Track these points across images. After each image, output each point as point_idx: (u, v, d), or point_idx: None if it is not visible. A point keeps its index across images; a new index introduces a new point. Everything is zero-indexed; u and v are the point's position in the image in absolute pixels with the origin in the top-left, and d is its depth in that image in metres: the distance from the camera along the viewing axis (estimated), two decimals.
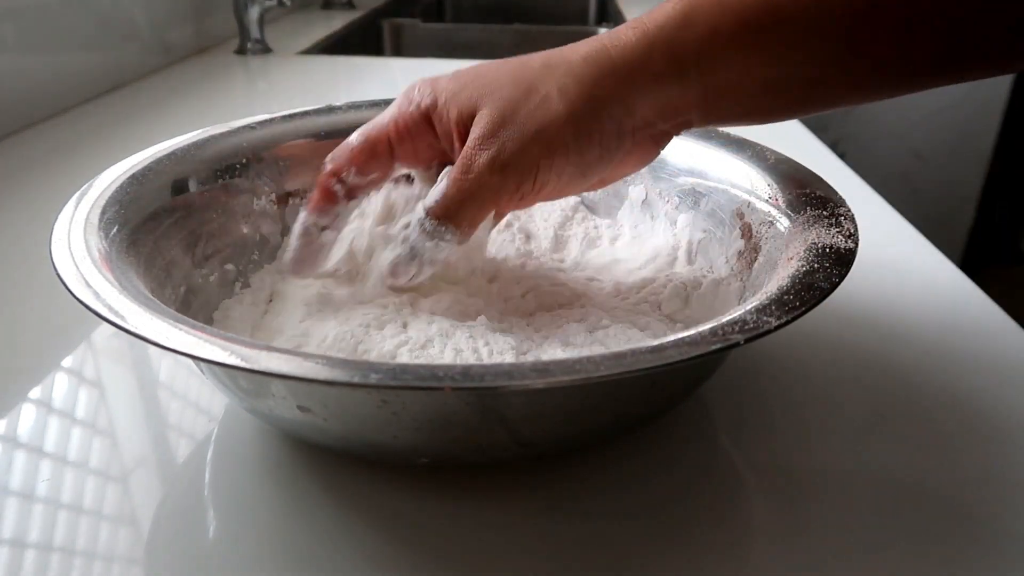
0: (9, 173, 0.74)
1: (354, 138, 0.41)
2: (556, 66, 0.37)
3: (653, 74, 0.35)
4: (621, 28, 0.36)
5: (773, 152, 0.47)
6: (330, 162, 0.42)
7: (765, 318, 0.31)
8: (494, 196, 0.37)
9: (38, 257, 0.36)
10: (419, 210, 0.39)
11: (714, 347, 0.29)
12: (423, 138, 0.40)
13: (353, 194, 0.42)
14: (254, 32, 1.24)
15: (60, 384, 0.45)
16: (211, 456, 0.40)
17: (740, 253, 0.44)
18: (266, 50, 1.25)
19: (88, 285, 0.33)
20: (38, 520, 0.35)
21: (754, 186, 0.45)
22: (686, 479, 0.38)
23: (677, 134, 0.39)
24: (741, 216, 0.45)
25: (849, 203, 0.41)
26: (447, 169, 0.39)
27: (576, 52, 0.37)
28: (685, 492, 0.37)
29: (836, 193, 0.42)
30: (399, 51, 1.73)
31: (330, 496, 0.37)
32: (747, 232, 0.44)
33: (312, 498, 0.36)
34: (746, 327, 0.30)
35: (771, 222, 0.42)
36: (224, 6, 1.28)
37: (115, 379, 0.45)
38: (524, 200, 0.38)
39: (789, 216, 0.41)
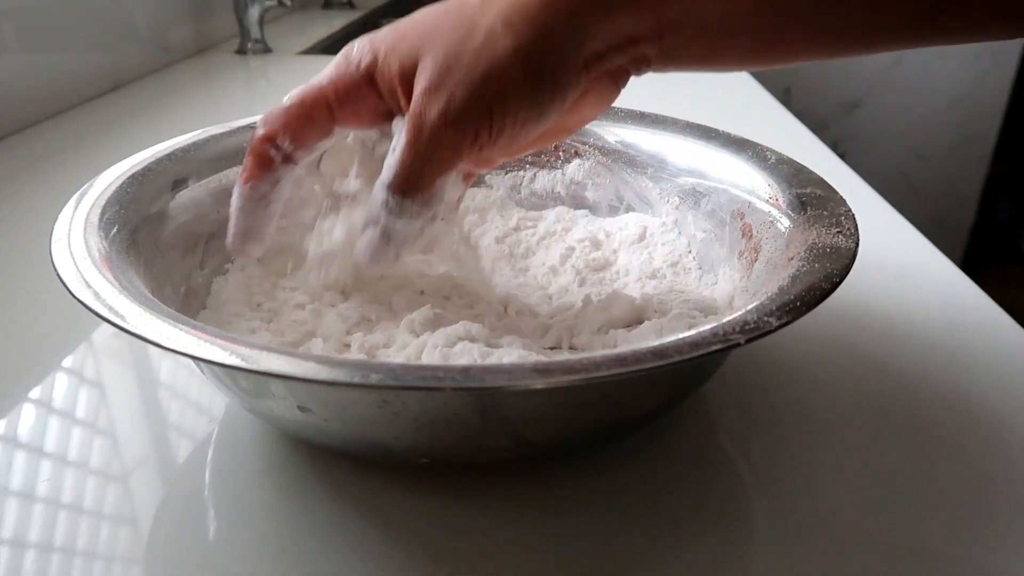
0: (10, 173, 0.74)
1: (288, 100, 0.38)
2: (494, 2, 0.33)
3: (602, 1, 0.33)
4: None
5: (773, 152, 0.47)
6: (263, 126, 0.38)
7: (766, 318, 0.31)
8: (453, 152, 0.34)
9: (38, 257, 0.36)
10: (378, 189, 0.36)
11: (715, 347, 0.29)
12: (366, 99, 0.37)
13: (290, 159, 0.38)
14: (254, 32, 1.24)
15: (60, 384, 0.45)
16: (211, 456, 0.40)
17: (740, 253, 0.44)
18: (266, 50, 1.25)
19: (88, 285, 0.33)
20: (38, 520, 0.35)
21: (754, 186, 0.45)
22: (686, 479, 0.38)
23: (636, 73, 0.36)
24: (741, 216, 0.45)
25: (849, 203, 0.41)
26: (396, 134, 0.36)
27: None
28: (685, 492, 0.37)
29: (836, 193, 0.42)
30: None
31: (330, 496, 0.37)
32: (747, 232, 0.44)
33: (312, 498, 0.36)
34: (747, 327, 0.30)
35: (772, 222, 0.42)
36: (224, 6, 1.28)
37: (115, 379, 0.45)
38: (484, 152, 0.35)
39: (789, 216, 0.41)
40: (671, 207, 0.51)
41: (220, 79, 1.10)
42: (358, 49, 0.36)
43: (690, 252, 0.49)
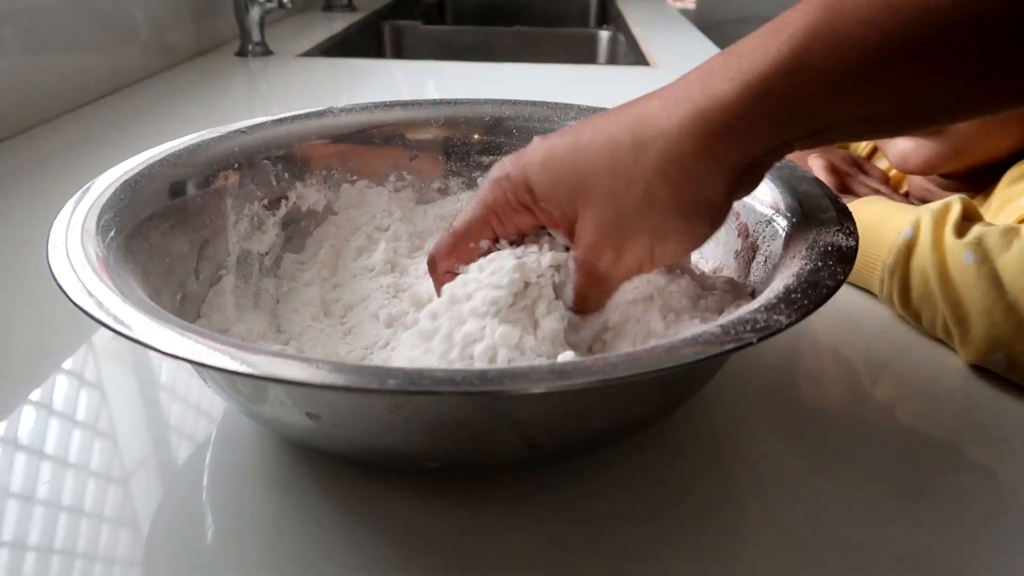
0: (11, 174, 0.75)
1: (453, 230, 0.40)
2: (650, 144, 0.34)
3: (756, 133, 0.33)
4: (716, 69, 0.33)
5: None
6: (439, 262, 0.41)
7: (775, 316, 0.31)
8: (621, 279, 0.38)
9: (38, 259, 0.36)
10: (562, 309, 0.39)
11: (728, 347, 0.30)
12: (524, 220, 0.39)
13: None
14: (255, 34, 1.24)
15: (60, 386, 0.45)
16: (210, 459, 0.40)
17: (737, 252, 0.44)
18: (267, 52, 1.25)
19: (91, 294, 0.33)
20: (38, 522, 0.36)
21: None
22: (686, 481, 0.38)
23: (779, 159, 0.37)
24: (737, 215, 0.45)
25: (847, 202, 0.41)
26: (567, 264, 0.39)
27: (670, 118, 0.33)
28: (685, 494, 0.37)
29: (831, 191, 0.42)
30: (400, 53, 1.74)
31: (328, 499, 0.37)
32: (743, 231, 0.44)
33: (310, 500, 0.37)
34: (758, 326, 0.31)
35: (768, 221, 0.42)
36: (225, 8, 1.28)
37: (115, 381, 0.46)
38: (645, 271, 0.38)
39: (786, 215, 0.41)
40: None
41: (221, 81, 1.11)
42: (511, 181, 0.38)
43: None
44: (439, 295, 0.40)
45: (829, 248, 0.36)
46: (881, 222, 0.50)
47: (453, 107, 0.56)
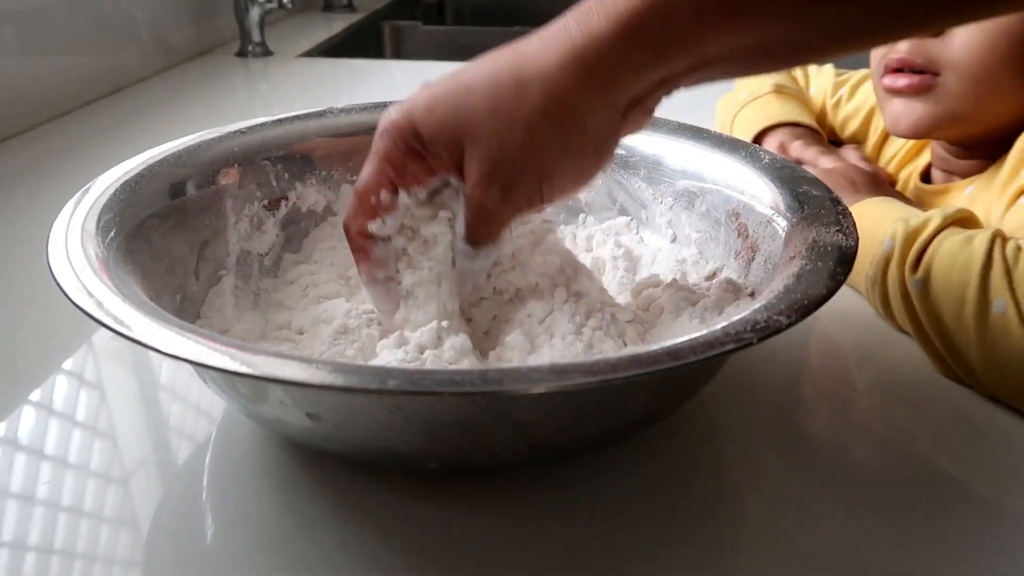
0: (10, 175, 0.75)
1: (354, 190, 0.41)
2: (530, 83, 0.34)
3: (635, 67, 0.34)
4: (591, 11, 0.33)
5: (767, 152, 0.47)
6: (350, 224, 0.41)
7: (776, 317, 0.31)
8: (510, 215, 0.38)
9: (38, 259, 0.37)
10: (457, 243, 0.40)
11: (729, 347, 0.30)
12: (417, 167, 0.39)
13: (382, 238, 0.42)
14: (255, 34, 1.24)
15: (60, 387, 0.45)
16: (210, 459, 0.40)
17: (737, 253, 0.44)
18: (267, 52, 1.25)
19: (91, 295, 0.33)
20: (38, 523, 0.36)
21: (749, 187, 0.45)
22: (685, 482, 0.38)
23: (668, 96, 0.37)
24: (736, 216, 0.45)
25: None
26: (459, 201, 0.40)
27: (549, 56, 0.34)
28: (685, 495, 0.37)
29: (831, 192, 0.42)
30: (400, 54, 1.73)
31: (327, 498, 0.37)
32: (743, 232, 0.44)
33: (310, 501, 0.37)
34: (758, 326, 0.31)
35: (768, 221, 0.42)
36: (225, 8, 1.28)
37: (115, 381, 0.46)
38: (536, 207, 0.38)
39: (786, 216, 0.41)
40: (665, 208, 0.51)
41: (221, 82, 1.11)
42: (400, 132, 0.38)
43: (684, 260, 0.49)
44: (356, 262, 0.41)
45: (829, 248, 0.36)
46: (873, 227, 0.49)
47: None
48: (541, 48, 0.35)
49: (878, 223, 0.49)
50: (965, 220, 0.46)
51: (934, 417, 0.43)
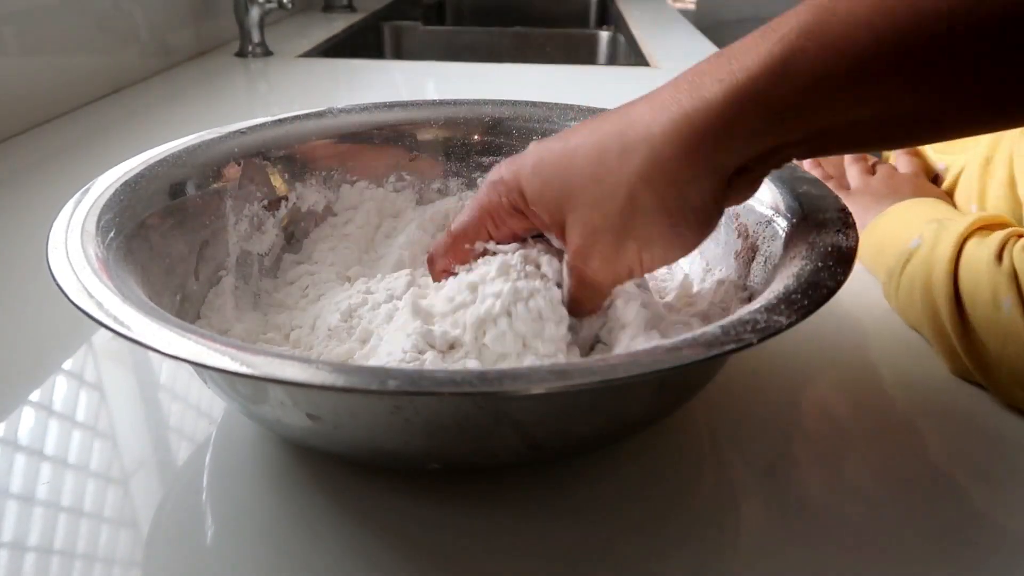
0: (10, 175, 0.75)
1: (450, 232, 0.41)
2: (634, 149, 0.33)
3: (744, 136, 0.32)
4: (706, 71, 0.32)
5: None
6: (436, 260, 0.42)
7: (775, 317, 0.31)
8: (611, 284, 0.38)
9: (38, 260, 0.36)
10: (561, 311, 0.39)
11: (729, 347, 0.30)
12: (517, 223, 0.39)
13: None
14: (255, 35, 1.24)
15: (60, 387, 0.45)
16: (210, 459, 0.40)
17: (737, 253, 0.44)
18: (267, 53, 1.25)
19: (91, 295, 0.32)
20: (38, 523, 0.36)
21: None
22: (686, 483, 0.38)
23: (777, 167, 0.36)
24: (736, 216, 0.45)
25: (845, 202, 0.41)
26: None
27: (655, 122, 0.33)
28: (685, 496, 0.37)
29: (831, 192, 0.42)
30: (400, 54, 1.74)
31: (328, 499, 0.37)
32: (743, 232, 0.44)
33: (310, 501, 0.37)
34: (758, 326, 0.31)
35: (768, 221, 0.42)
36: (225, 9, 1.28)
37: (115, 382, 0.46)
38: (637, 275, 0.38)
39: (786, 216, 0.41)
40: None
41: (220, 82, 1.11)
42: (506, 185, 0.38)
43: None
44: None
45: (829, 249, 0.36)
46: (905, 225, 0.50)
47: (453, 108, 0.56)
48: (648, 112, 0.34)
49: (910, 221, 0.51)
50: (997, 224, 0.46)
51: (939, 417, 0.43)
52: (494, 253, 0.40)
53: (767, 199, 0.43)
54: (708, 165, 0.33)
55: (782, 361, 0.47)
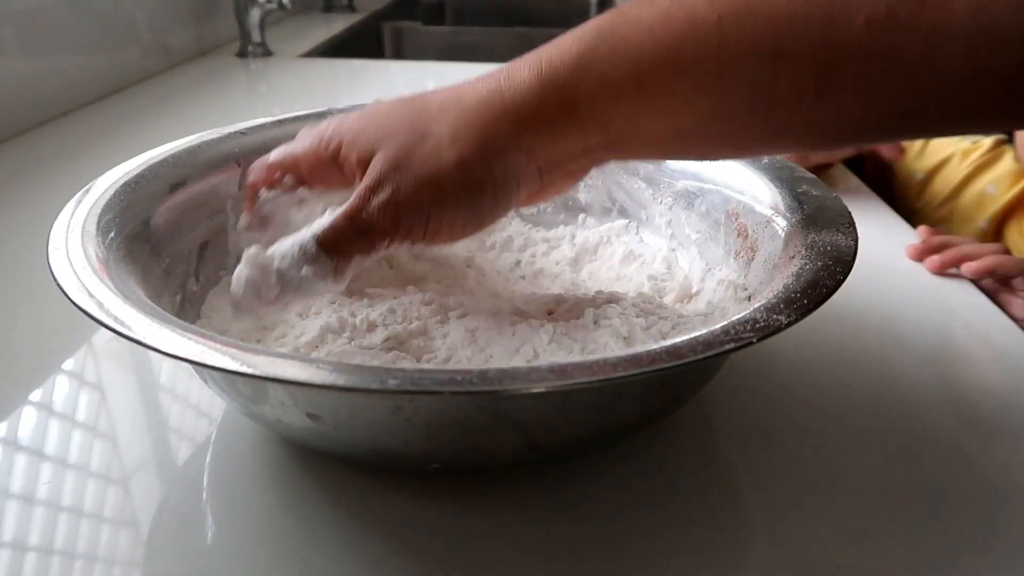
0: (10, 176, 0.75)
1: (273, 157, 0.42)
2: (450, 110, 0.35)
3: (547, 121, 0.34)
4: (523, 60, 0.35)
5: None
6: (251, 174, 0.42)
7: (775, 316, 0.31)
8: (383, 236, 0.36)
9: (38, 260, 0.37)
10: (304, 235, 0.36)
11: (728, 347, 0.30)
12: (332, 173, 0.39)
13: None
14: (255, 35, 1.24)
15: (60, 387, 0.45)
16: (210, 459, 0.40)
17: (737, 253, 0.44)
18: (267, 53, 1.25)
19: (92, 295, 0.33)
20: (38, 523, 0.36)
21: (748, 186, 0.45)
22: (684, 482, 0.38)
23: (595, 167, 0.37)
24: (736, 216, 0.45)
25: (844, 201, 0.41)
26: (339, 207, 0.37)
27: (474, 92, 0.35)
28: (683, 494, 0.37)
29: (830, 191, 0.42)
30: (400, 54, 1.74)
31: (329, 500, 0.37)
32: (743, 232, 0.44)
33: (311, 502, 0.37)
34: (757, 325, 0.31)
35: (768, 221, 0.42)
36: (225, 9, 1.28)
37: (115, 382, 0.46)
38: (413, 243, 0.36)
39: (786, 216, 0.41)
40: (664, 208, 0.51)
41: (221, 82, 1.11)
42: (329, 133, 0.39)
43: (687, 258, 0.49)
44: (246, 199, 0.42)
45: (828, 247, 0.36)
46: None
47: None
48: (470, 87, 0.36)
49: None
50: None
51: (937, 417, 0.43)
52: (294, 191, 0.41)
53: (767, 199, 0.43)
54: (515, 142, 0.34)
55: (782, 361, 0.47)
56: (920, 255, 0.58)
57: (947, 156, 0.74)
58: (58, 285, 0.33)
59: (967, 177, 0.71)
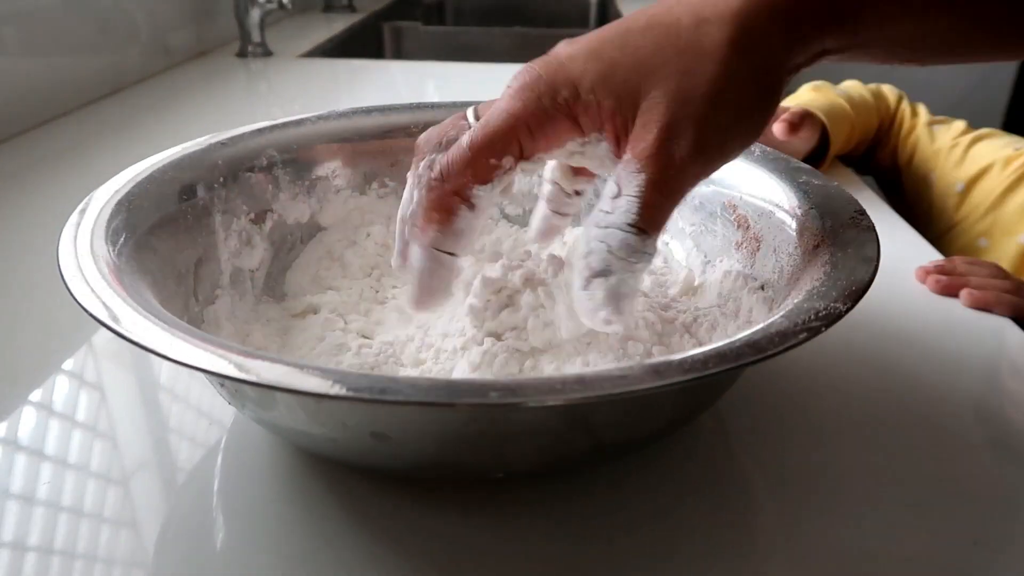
0: (11, 176, 0.74)
1: (471, 143, 0.34)
2: (715, 21, 0.32)
3: (817, 24, 0.32)
4: None
5: (757, 145, 0.47)
6: (444, 176, 0.35)
7: (833, 304, 0.31)
8: (697, 177, 0.33)
9: (39, 260, 0.36)
10: (606, 237, 0.32)
11: (802, 337, 0.30)
12: (560, 132, 0.34)
13: (473, 207, 0.35)
14: (255, 35, 1.24)
15: (61, 387, 0.45)
16: (220, 463, 0.39)
17: (738, 243, 0.44)
18: (267, 53, 1.25)
19: (106, 306, 0.31)
20: (39, 524, 0.35)
21: (744, 179, 0.45)
22: (697, 487, 0.38)
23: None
24: (734, 208, 0.45)
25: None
26: (610, 179, 0.33)
27: (729, 2, 0.32)
28: (696, 500, 0.37)
29: (831, 181, 0.42)
30: (400, 54, 1.73)
31: (340, 506, 0.36)
32: (743, 222, 0.44)
33: (323, 508, 0.36)
34: (820, 314, 0.31)
35: (769, 212, 0.42)
36: (225, 9, 1.28)
37: (117, 383, 0.45)
38: (715, 167, 0.34)
39: (790, 206, 0.41)
40: None
41: (221, 82, 1.10)
42: (547, 82, 0.33)
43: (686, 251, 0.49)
44: (423, 223, 0.35)
45: (850, 237, 0.36)
46: None
47: (431, 111, 0.53)
48: None
49: None
50: None
51: (957, 422, 0.43)
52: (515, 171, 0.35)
53: (764, 190, 0.43)
54: (787, 40, 0.32)
55: (797, 367, 0.46)
56: (926, 276, 0.56)
57: (987, 164, 0.72)
58: (73, 295, 0.32)
59: (1010, 186, 0.69)
